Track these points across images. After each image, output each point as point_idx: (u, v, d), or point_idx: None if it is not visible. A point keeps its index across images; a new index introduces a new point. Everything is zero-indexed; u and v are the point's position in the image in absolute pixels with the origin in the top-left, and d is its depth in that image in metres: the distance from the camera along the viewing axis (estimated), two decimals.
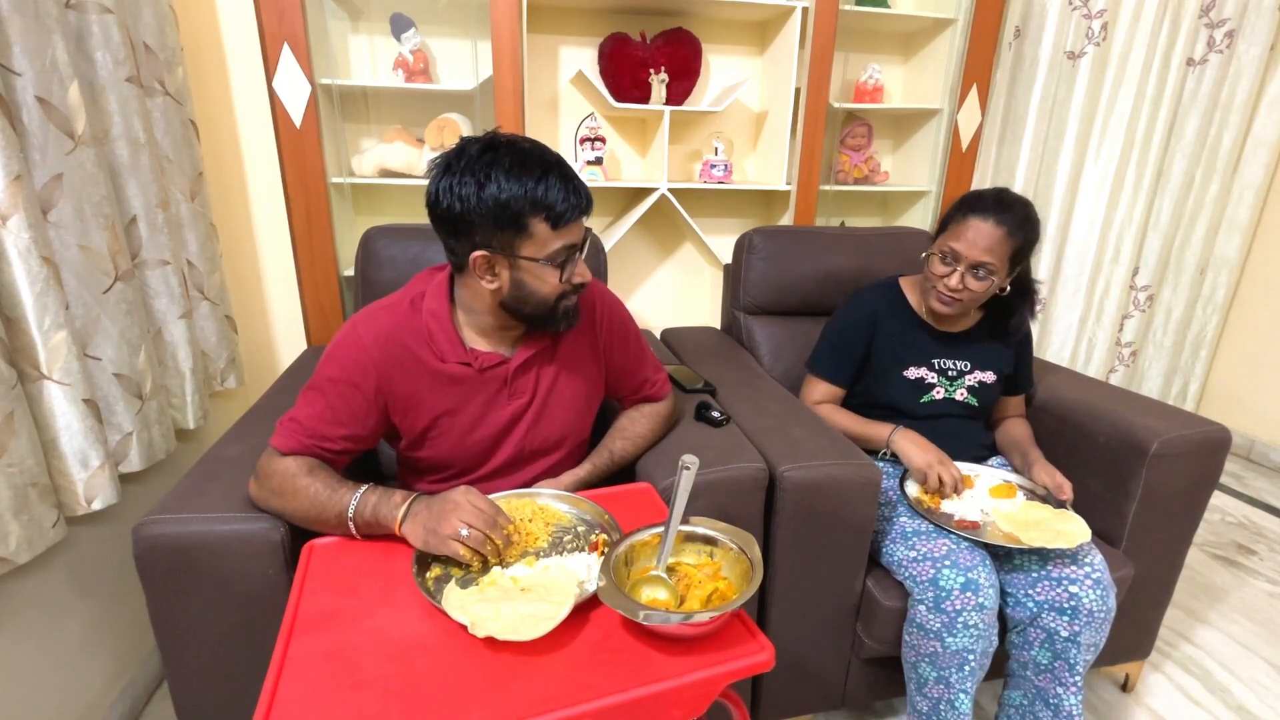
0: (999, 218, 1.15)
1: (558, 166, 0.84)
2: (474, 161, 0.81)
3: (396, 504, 0.81)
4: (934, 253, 1.22)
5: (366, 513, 0.82)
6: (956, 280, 1.18)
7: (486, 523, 0.77)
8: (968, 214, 1.17)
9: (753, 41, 1.98)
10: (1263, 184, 2.30)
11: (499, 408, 0.99)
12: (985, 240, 1.15)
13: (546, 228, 0.83)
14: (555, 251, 0.86)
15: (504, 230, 0.83)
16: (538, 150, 0.84)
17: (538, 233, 0.84)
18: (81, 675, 1.15)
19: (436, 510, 0.79)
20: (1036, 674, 1.10)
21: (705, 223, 2.06)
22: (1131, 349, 2.43)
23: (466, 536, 0.76)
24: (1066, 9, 1.94)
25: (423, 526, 0.79)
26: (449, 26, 1.76)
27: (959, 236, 1.17)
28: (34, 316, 0.95)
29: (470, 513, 0.77)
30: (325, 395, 0.90)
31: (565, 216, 0.84)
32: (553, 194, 0.82)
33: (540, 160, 0.83)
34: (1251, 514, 2.16)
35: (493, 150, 0.82)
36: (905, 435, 1.21)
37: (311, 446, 0.89)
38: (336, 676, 0.62)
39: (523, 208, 0.81)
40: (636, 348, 1.11)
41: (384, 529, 0.82)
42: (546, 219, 0.83)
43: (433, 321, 0.94)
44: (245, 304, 1.73)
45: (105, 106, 1.16)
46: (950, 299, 1.20)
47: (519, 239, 0.84)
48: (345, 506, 0.82)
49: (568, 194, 0.83)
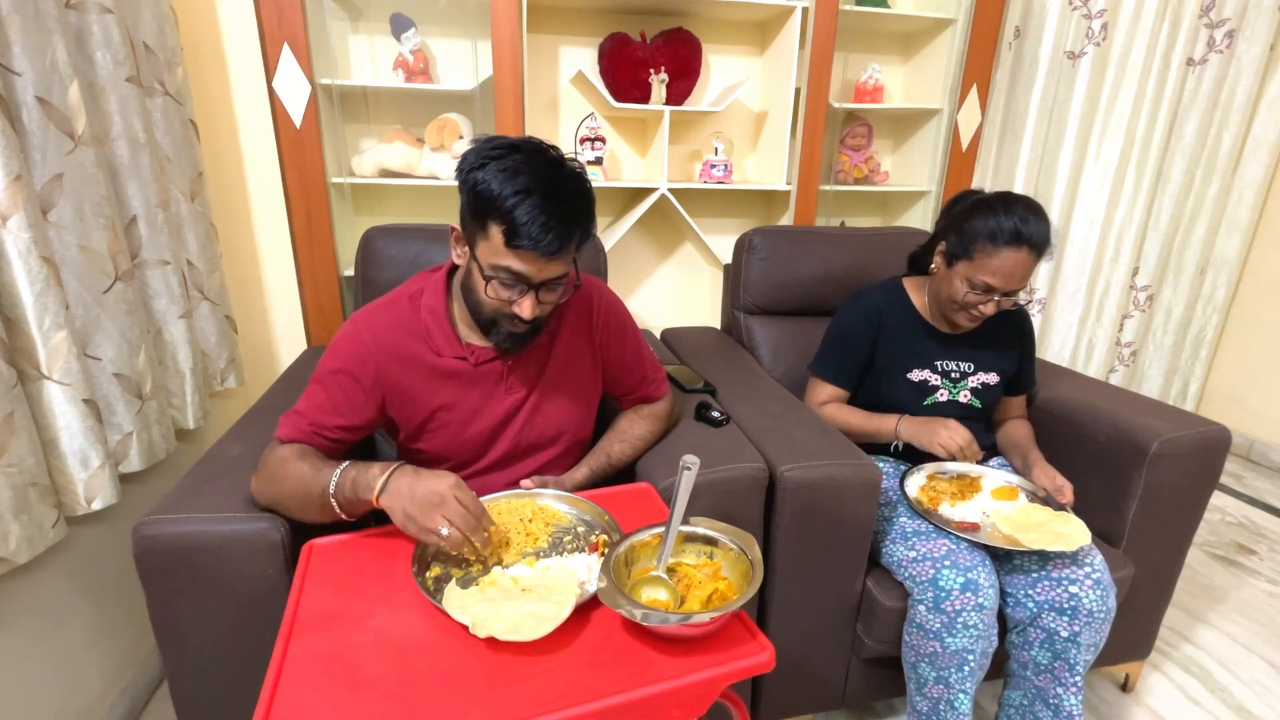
0: (1031, 246, 1.11)
1: (552, 197, 0.80)
2: (491, 148, 0.82)
3: (375, 475, 0.79)
4: (959, 278, 1.17)
5: (346, 488, 0.81)
6: (992, 308, 1.16)
7: (469, 525, 0.76)
8: (999, 245, 1.11)
9: (753, 41, 1.98)
10: (1263, 184, 2.30)
11: (496, 402, 0.99)
12: (1022, 271, 1.12)
13: (501, 239, 0.81)
14: (498, 267, 0.83)
15: (473, 217, 0.84)
16: (545, 171, 0.81)
17: (492, 238, 0.82)
18: (81, 675, 1.15)
19: (421, 497, 0.76)
20: (1036, 674, 1.10)
21: (705, 223, 2.06)
22: (1131, 349, 2.43)
23: (446, 536, 0.75)
24: (1066, 9, 1.94)
25: (403, 511, 0.77)
26: (449, 26, 1.76)
27: (993, 271, 1.12)
28: (34, 316, 0.95)
29: (455, 511, 0.76)
30: (325, 387, 0.92)
31: (520, 238, 0.80)
32: (520, 212, 0.79)
33: (535, 179, 0.79)
34: (1251, 514, 2.16)
35: (511, 150, 0.82)
36: (911, 423, 1.22)
37: (309, 434, 0.91)
38: (336, 676, 0.62)
39: (488, 207, 0.81)
40: (634, 345, 1.11)
41: (363, 502, 0.81)
42: (504, 231, 0.81)
43: (429, 317, 0.95)
44: (245, 304, 1.73)
45: (105, 106, 1.16)
46: (980, 318, 1.20)
47: (478, 234, 0.84)
48: (327, 483, 0.82)
49: (535, 222, 0.79)
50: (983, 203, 1.16)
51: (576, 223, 0.83)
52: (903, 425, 1.23)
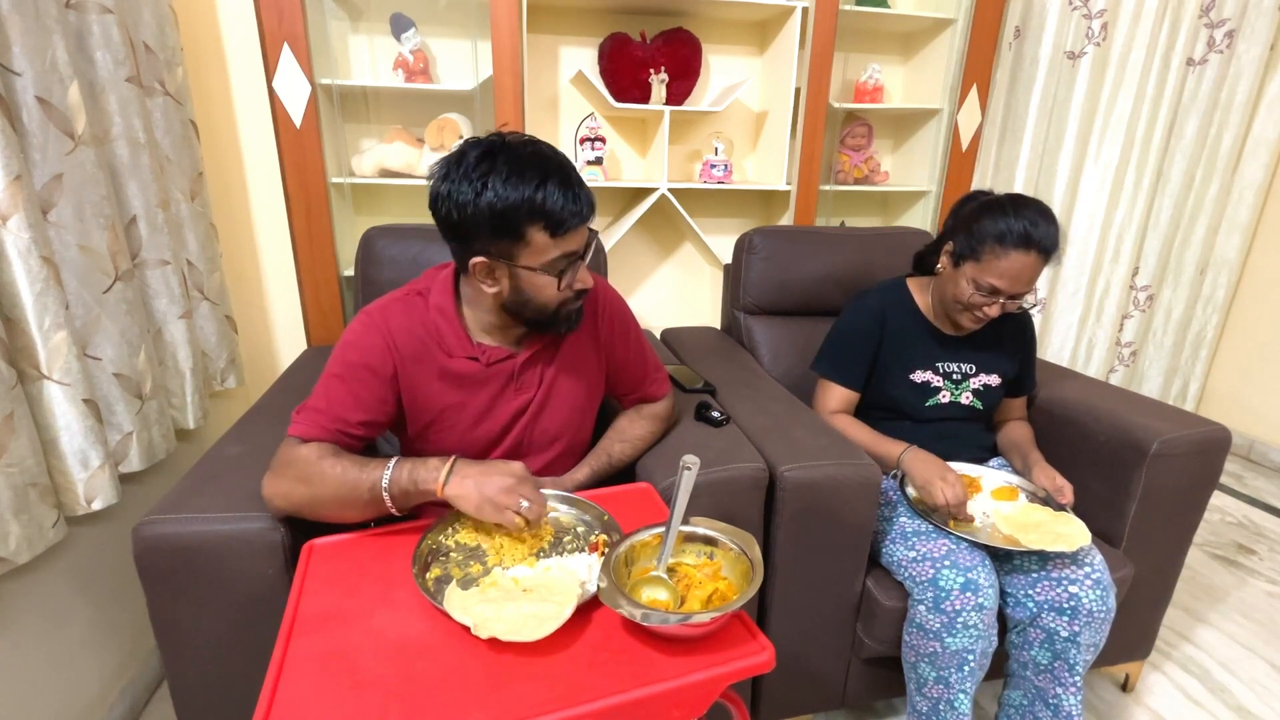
0: (1039, 250, 1.10)
1: (558, 172, 0.81)
2: (472, 169, 0.80)
3: (435, 466, 0.81)
4: (966, 279, 1.16)
5: (404, 479, 0.82)
6: (998, 310, 1.15)
7: (536, 514, 0.81)
8: (1008, 248, 1.10)
9: (753, 41, 1.98)
10: (1263, 184, 2.30)
11: (505, 402, 0.99)
12: (1029, 275, 1.11)
13: (545, 236, 0.82)
14: (554, 260, 0.84)
15: (502, 238, 0.82)
16: (538, 155, 0.81)
17: (536, 241, 0.82)
18: (81, 675, 1.15)
19: (496, 479, 0.80)
20: (1036, 674, 1.10)
21: (705, 223, 2.06)
22: (1131, 349, 2.44)
23: (527, 509, 0.79)
24: (1066, 9, 1.94)
25: (477, 491, 0.79)
26: (449, 26, 1.76)
27: (1001, 273, 1.12)
28: (34, 316, 0.95)
29: (531, 491, 0.81)
30: (345, 381, 0.90)
31: (564, 225, 0.81)
32: (551, 202, 0.79)
33: (539, 166, 0.80)
34: (1251, 514, 2.16)
35: (491, 157, 0.80)
36: (915, 458, 1.18)
37: (333, 432, 0.88)
38: (336, 677, 0.62)
39: (520, 217, 0.80)
40: (637, 344, 1.11)
41: (423, 493, 0.82)
42: (545, 227, 0.81)
43: (439, 317, 0.94)
44: (245, 304, 1.73)
45: (105, 106, 1.16)
46: (984, 320, 1.19)
47: (517, 247, 0.83)
48: (378, 479, 0.82)
49: (567, 201, 0.80)
50: (993, 204, 1.15)
51: (580, 180, 0.84)
52: (907, 456, 1.19)
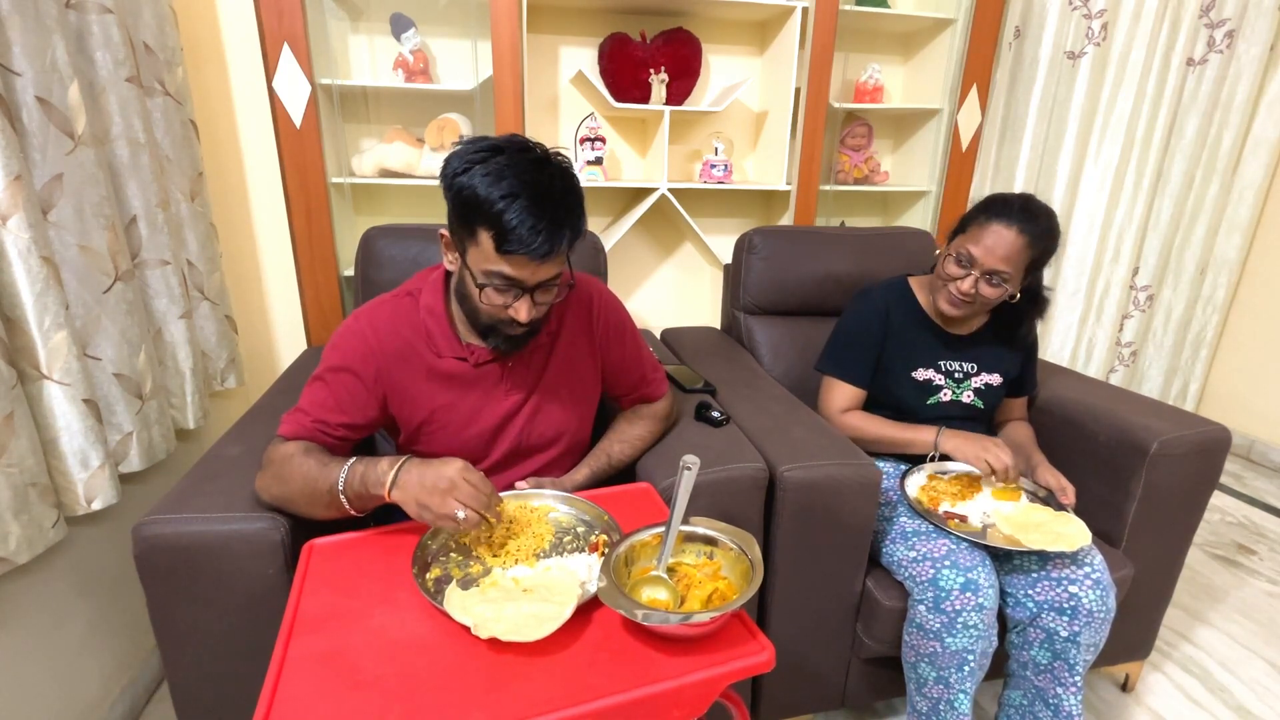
0: (1022, 226, 1.12)
1: (539, 198, 0.78)
2: (473, 152, 0.81)
3: (384, 470, 0.79)
4: (950, 253, 1.19)
5: (355, 482, 0.81)
6: (969, 285, 1.16)
7: (481, 503, 0.77)
8: (991, 218, 1.14)
9: (752, 41, 1.98)
10: (1263, 184, 2.30)
11: (495, 402, 0.99)
12: (1004, 248, 1.13)
13: (491, 245, 0.80)
14: (491, 273, 0.82)
15: (461, 224, 0.83)
16: (531, 173, 0.79)
17: (483, 244, 0.81)
18: (81, 675, 1.15)
19: (430, 484, 0.77)
20: (1036, 674, 1.10)
21: (705, 223, 2.06)
22: (1131, 349, 2.44)
23: (463, 520, 0.75)
24: (1066, 9, 1.94)
25: (415, 501, 0.77)
26: (449, 26, 1.75)
27: (978, 241, 1.15)
28: (34, 316, 0.95)
29: (467, 493, 0.76)
30: (327, 384, 0.92)
31: (510, 244, 0.78)
32: (509, 216, 0.77)
33: (523, 182, 0.78)
34: (1251, 514, 2.16)
35: (495, 152, 0.80)
36: (953, 436, 1.19)
37: (313, 431, 0.90)
38: (336, 676, 0.61)
39: (476, 213, 0.79)
40: (634, 346, 1.11)
41: (373, 497, 0.81)
42: (493, 237, 0.79)
43: (429, 317, 0.95)
44: (245, 304, 1.73)
45: (105, 106, 1.16)
46: (960, 301, 1.19)
47: (468, 241, 0.83)
48: (335, 480, 0.82)
49: (524, 224, 0.77)
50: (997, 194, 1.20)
51: (565, 223, 0.80)
52: (944, 438, 1.19)
